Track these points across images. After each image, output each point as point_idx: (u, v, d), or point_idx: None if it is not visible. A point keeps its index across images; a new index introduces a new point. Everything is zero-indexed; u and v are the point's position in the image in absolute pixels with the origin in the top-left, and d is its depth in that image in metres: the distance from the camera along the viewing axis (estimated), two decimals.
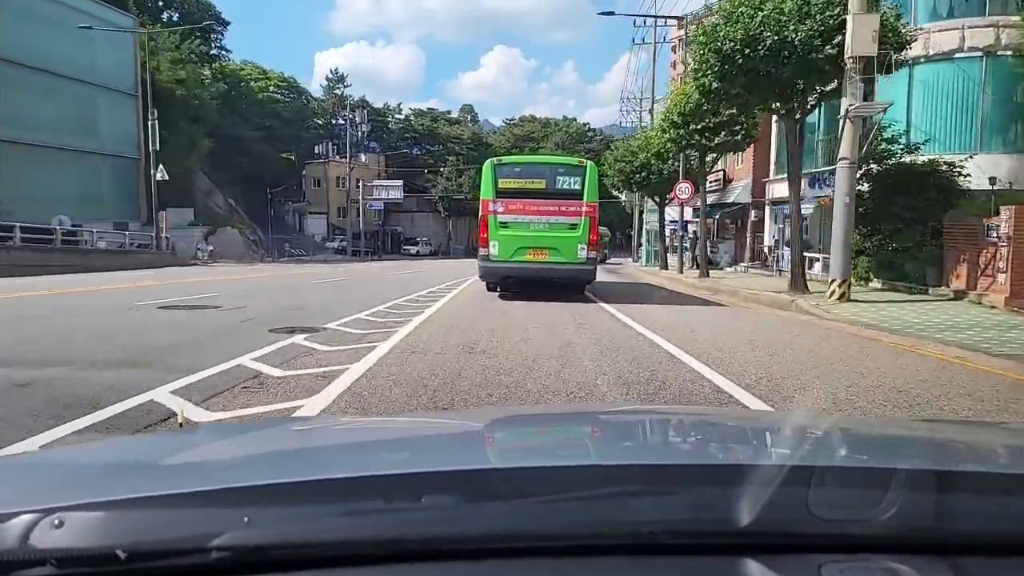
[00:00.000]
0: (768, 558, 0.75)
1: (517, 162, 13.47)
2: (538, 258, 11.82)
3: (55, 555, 0.70)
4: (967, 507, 0.83)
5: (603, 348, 6.70)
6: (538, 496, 0.80)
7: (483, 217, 12.14)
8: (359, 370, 5.21)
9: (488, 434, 1.41)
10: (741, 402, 4.56)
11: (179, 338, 6.91)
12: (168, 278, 17.67)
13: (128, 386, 4.39)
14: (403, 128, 68.04)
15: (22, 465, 1.24)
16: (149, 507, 0.76)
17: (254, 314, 9.34)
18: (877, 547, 0.78)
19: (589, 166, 12.31)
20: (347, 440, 1.42)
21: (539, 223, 11.81)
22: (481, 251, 12.19)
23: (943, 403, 4.70)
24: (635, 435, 1.47)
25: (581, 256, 11.80)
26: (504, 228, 11.85)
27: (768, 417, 2.54)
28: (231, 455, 1.23)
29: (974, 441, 1.37)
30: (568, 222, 11.80)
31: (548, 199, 11.87)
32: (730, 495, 0.79)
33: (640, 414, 2.02)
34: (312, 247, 51.71)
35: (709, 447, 1.37)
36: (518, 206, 11.89)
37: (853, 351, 7.09)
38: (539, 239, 11.82)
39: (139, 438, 2.64)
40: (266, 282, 17.91)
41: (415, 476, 0.88)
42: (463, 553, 0.77)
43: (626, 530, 0.78)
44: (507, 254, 11.84)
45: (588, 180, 12.00)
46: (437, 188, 60.65)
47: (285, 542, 0.74)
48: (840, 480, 0.86)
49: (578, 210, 11.79)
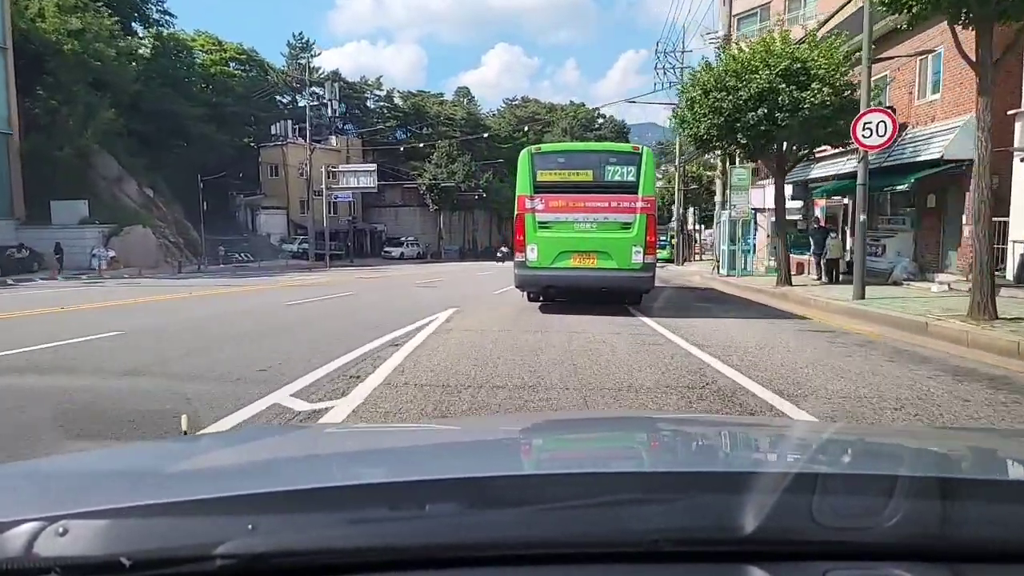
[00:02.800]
0: (772, 566, 0.76)
1: (559, 150, 11.42)
2: (585, 264, 9.90)
3: (59, 563, 0.71)
4: (971, 514, 0.82)
5: None
6: (542, 504, 0.81)
7: (519, 216, 10.24)
8: None
9: (492, 442, 1.45)
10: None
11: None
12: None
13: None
14: (384, 107, 57.60)
15: (26, 472, 1.20)
16: (153, 515, 0.77)
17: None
18: (881, 555, 0.77)
19: (645, 152, 10.31)
20: (351, 448, 1.44)
21: (586, 222, 10.00)
22: (517, 256, 10.21)
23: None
24: (639, 443, 1.48)
25: (636, 261, 9.83)
26: (544, 229, 10.04)
27: (772, 425, 2.41)
28: (235, 463, 1.24)
29: (978, 448, 1.37)
30: (621, 220, 9.94)
31: (596, 193, 10.01)
32: (734, 502, 0.79)
33: (644, 422, 2.05)
34: (265, 250, 41.54)
35: (712, 454, 1.36)
36: (561, 202, 10.06)
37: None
38: (586, 241, 9.94)
39: (143, 445, 2.58)
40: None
41: (419, 484, 0.88)
42: (467, 561, 0.77)
43: (630, 538, 0.79)
44: (548, 259, 9.94)
45: (644, 170, 10.03)
46: (425, 176, 50.35)
47: (289, 550, 0.74)
48: (844, 487, 0.86)
49: (632, 206, 9.91)
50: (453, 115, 58.76)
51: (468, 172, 52.88)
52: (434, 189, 50.52)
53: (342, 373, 5.49)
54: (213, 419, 3.95)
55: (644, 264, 9.87)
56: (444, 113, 58.27)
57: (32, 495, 0.93)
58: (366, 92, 57.59)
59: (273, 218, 45.06)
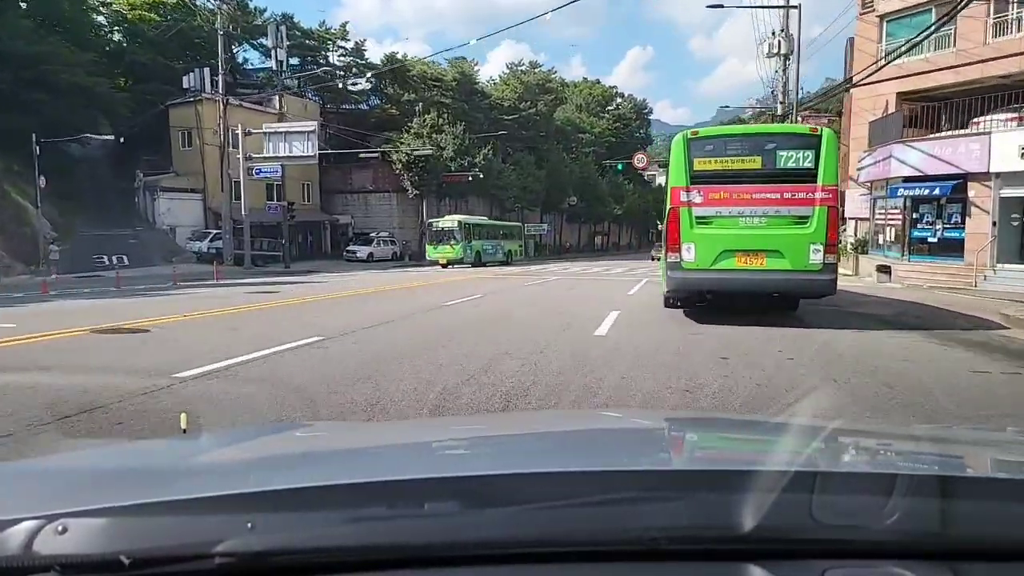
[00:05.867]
0: (771, 564, 0.75)
1: (721, 134, 9.91)
2: (751, 265, 8.59)
3: (59, 561, 0.71)
4: (970, 512, 0.82)
5: None
6: (541, 502, 0.81)
7: (672, 211, 8.91)
8: None
9: (491, 440, 1.45)
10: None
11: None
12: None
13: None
14: (353, 63, 44.48)
15: (25, 471, 1.20)
16: (153, 513, 0.77)
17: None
18: (881, 553, 0.77)
19: (825, 135, 8.71)
20: (350, 446, 1.43)
21: (753, 216, 8.63)
22: (670, 257, 8.94)
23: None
24: (637, 441, 1.48)
25: (815, 261, 8.43)
26: (703, 225, 8.74)
27: (771, 423, 2.15)
28: (234, 461, 1.24)
29: (977, 446, 1.38)
30: (795, 214, 8.56)
31: (766, 183, 8.60)
32: (733, 501, 0.78)
33: (643, 420, 2.05)
34: (163, 249, 28.91)
35: (711, 453, 1.37)
36: (723, 194, 8.69)
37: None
38: (753, 239, 8.59)
39: (142, 444, 2.53)
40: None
41: (418, 482, 0.88)
42: (466, 559, 0.77)
43: (629, 536, 0.78)
44: (707, 260, 8.69)
45: (825, 154, 8.51)
46: (401, 151, 37.58)
47: (288, 548, 0.74)
48: (843, 486, 0.86)
49: (810, 197, 8.49)
50: (441, 77, 45.88)
51: (460, 147, 40.14)
52: (413, 167, 37.70)
53: None
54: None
55: (824, 265, 8.43)
56: (431, 74, 45.37)
57: (31, 493, 0.93)
58: (329, 43, 44.51)
59: (182, 204, 32.04)
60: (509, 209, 50.02)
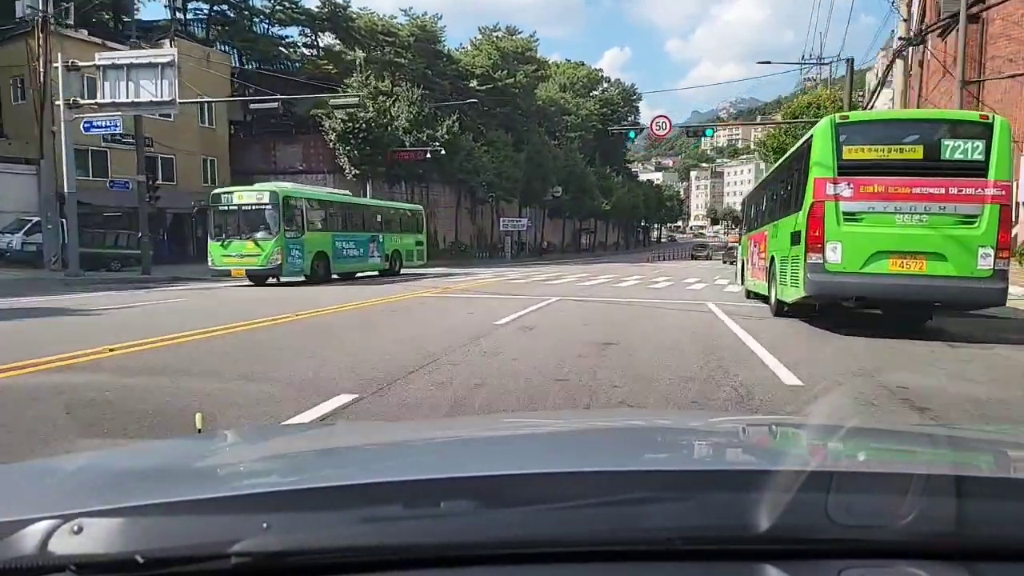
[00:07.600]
0: (787, 564, 0.75)
1: (876, 119, 9.24)
2: (909, 269, 7.47)
3: (74, 561, 0.70)
4: (987, 512, 0.82)
5: None
6: (556, 502, 0.80)
7: (815, 205, 7.72)
8: None
9: (507, 440, 1.42)
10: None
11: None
12: None
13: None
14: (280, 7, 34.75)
15: (40, 470, 1.20)
16: (168, 513, 0.77)
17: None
18: (897, 553, 0.77)
19: (998, 123, 7.44)
20: (365, 445, 1.41)
21: (912, 213, 7.48)
22: (811, 257, 7.75)
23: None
24: (652, 441, 1.46)
25: (984, 267, 7.34)
26: (853, 222, 7.61)
27: (786, 423, 2.12)
28: (250, 461, 1.23)
29: (993, 446, 1.37)
30: (961, 212, 7.43)
31: (927, 176, 7.44)
32: (748, 501, 0.78)
33: (657, 420, 2.07)
34: None
35: (726, 453, 1.36)
36: (877, 187, 7.56)
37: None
38: (912, 239, 7.47)
39: (158, 443, 2.47)
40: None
41: (433, 482, 0.88)
42: (482, 559, 0.77)
43: (643, 536, 0.78)
44: (857, 262, 7.54)
45: (997, 146, 7.35)
46: (335, 118, 28.23)
47: (304, 548, 0.74)
48: (859, 485, 0.86)
49: (979, 193, 7.34)
50: (396, 31, 36.54)
51: (417, 116, 30.91)
52: (352, 138, 28.34)
53: None
54: None
55: (995, 271, 7.37)
56: (382, 27, 35.99)
57: (46, 493, 0.93)
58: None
59: (9, 181, 22.39)
60: (482, 200, 40.90)
